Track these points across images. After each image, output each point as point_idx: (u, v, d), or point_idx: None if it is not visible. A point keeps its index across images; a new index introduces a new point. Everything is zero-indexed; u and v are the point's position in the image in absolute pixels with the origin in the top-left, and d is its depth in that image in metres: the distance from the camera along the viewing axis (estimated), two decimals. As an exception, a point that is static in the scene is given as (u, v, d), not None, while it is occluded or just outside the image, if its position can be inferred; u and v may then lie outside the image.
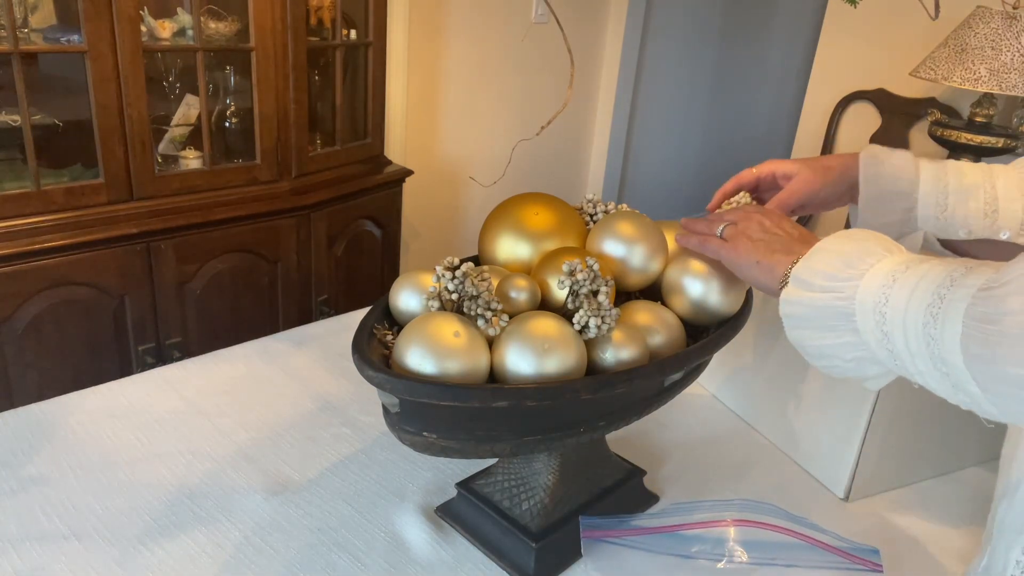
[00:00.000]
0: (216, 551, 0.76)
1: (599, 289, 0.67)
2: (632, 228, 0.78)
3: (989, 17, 2.02)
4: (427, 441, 0.65)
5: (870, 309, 0.59)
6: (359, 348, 0.65)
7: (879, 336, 0.58)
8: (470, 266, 0.67)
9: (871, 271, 0.60)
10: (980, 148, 2.20)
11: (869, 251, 0.62)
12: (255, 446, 0.93)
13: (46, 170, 1.66)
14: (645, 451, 0.96)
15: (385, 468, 0.90)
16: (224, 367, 1.09)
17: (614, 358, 0.68)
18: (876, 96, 2.66)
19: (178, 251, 1.78)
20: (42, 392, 1.56)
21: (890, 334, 0.57)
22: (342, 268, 2.17)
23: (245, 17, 1.79)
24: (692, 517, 0.76)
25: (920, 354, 0.55)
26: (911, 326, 0.55)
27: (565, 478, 0.78)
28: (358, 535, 0.80)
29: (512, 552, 0.77)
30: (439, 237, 2.89)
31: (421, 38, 2.51)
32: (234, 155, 1.97)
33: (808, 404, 0.94)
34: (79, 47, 1.55)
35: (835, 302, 0.61)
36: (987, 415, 0.53)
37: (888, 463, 0.90)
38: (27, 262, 1.58)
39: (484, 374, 0.65)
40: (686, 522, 0.76)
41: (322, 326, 1.24)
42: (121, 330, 1.75)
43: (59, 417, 0.95)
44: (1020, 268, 0.48)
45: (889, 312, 0.57)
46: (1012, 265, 0.49)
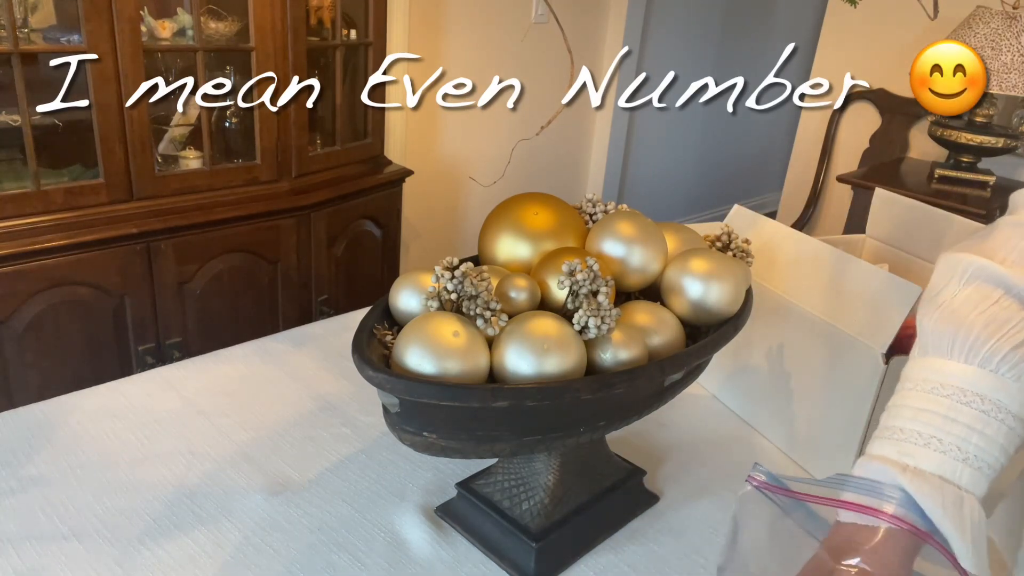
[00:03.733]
0: (216, 551, 0.76)
1: (599, 289, 0.67)
2: (632, 228, 0.78)
3: (989, 17, 2.02)
4: (427, 441, 0.65)
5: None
6: (359, 348, 0.65)
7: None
8: (469, 266, 0.67)
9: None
10: (980, 148, 2.20)
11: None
12: (255, 446, 0.93)
13: (46, 170, 1.66)
14: (645, 451, 0.96)
15: (385, 468, 0.90)
16: (224, 367, 1.09)
17: (614, 358, 0.68)
18: (876, 96, 2.66)
19: (178, 251, 1.78)
20: (42, 392, 1.55)
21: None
22: (342, 268, 2.17)
23: (245, 17, 1.79)
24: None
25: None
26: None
27: (565, 478, 0.78)
28: (358, 535, 0.80)
29: (512, 552, 0.77)
30: (439, 237, 2.89)
31: (421, 38, 2.51)
32: (234, 155, 1.97)
33: (808, 404, 0.94)
34: (79, 47, 1.55)
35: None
36: None
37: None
38: (27, 262, 1.58)
39: (484, 374, 0.65)
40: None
41: (322, 326, 1.24)
42: (121, 330, 1.75)
43: (59, 417, 0.95)
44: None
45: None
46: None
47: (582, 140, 3.31)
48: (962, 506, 0.56)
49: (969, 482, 0.57)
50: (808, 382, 0.94)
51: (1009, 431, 0.58)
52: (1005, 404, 0.58)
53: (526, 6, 2.76)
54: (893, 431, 0.60)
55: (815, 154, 2.88)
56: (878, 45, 2.60)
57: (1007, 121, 2.37)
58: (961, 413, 0.58)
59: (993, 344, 0.59)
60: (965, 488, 0.57)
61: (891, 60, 2.53)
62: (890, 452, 0.59)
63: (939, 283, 0.65)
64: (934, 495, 0.56)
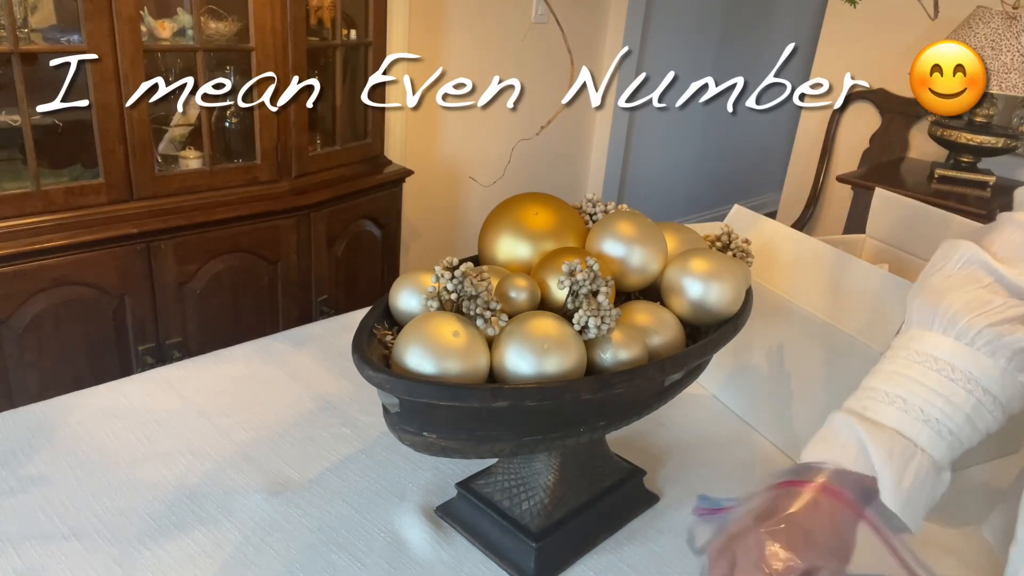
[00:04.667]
0: (216, 551, 0.76)
1: (599, 289, 0.67)
2: (632, 228, 0.78)
3: (989, 17, 2.02)
4: (427, 441, 0.65)
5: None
6: (359, 348, 0.65)
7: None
8: (469, 266, 0.67)
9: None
10: (980, 148, 2.20)
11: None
12: (255, 446, 0.93)
13: (46, 170, 1.66)
14: (645, 451, 0.96)
15: (385, 468, 0.90)
16: (224, 367, 1.09)
17: (614, 358, 0.68)
18: (876, 96, 2.66)
19: (178, 251, 1.78)
20: (42, 392, 1.55)
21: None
22: (342, 268, 2.17)
23: (245, 17, 1.79)
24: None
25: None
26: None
27: (565, 478, 0.78)
28: (358, 535, 0.80)
29: (512, 552, 0.77)
30: (439, 237, 2.89)
31: (421, 38, 2.51)
32: (234, 155, 1.97)
33: (808, 404, 0.94)
34: (79, 47, 1.55)
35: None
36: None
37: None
38: (27, 262, 1.58)
39: (484, 374, 0.65)
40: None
41: (322, 326, 1.24)
42: (121, 330, 1.75)
43: (59, 417, 0.95)
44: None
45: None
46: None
47: (582, 140, 3.31)
48: (910, 459, 0.59)
49: (927, 443, 0.60)
50: (808, 382, 0.94)
51: (977, 403, 0.61)
52: (976, 376, 0.61)
53: (526, 6, 2.76)
54: (866, 390, 0.65)
55: (815, 154, 2.88)
56: (878, 45, 2.60)
57: (1007, 121, 2.37)
58: (930, 379, 0.61)
59: (970, 319, 0.62)
60: (921, 447, 0.60)
61: (891, 60, 2.53)
62: (856, 406, 0.64)
63: (934, 266, 0.68)
64: (883, 442, 0.59)
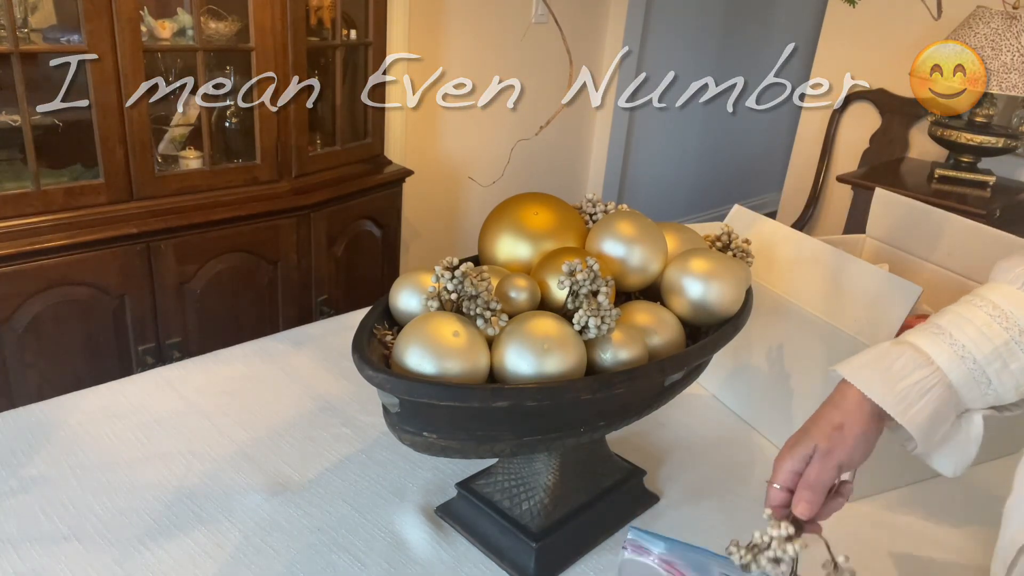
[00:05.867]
0: (216, 551, 0.76)
1: (599, 289, 0.67)
2: (632, 228, 0.78)
3: (989, 17, 2.02)
4: (427, 441, 0.65)
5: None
6: (359, 348, 0.65)
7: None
8: (469, 266, 0.67)
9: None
10: (980, 148, 2.20)
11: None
12: (255, 446, 0.93)
13: (46, 170, 1.66)
14: (645, 451, 0.96)
15: (385, 468, 0.90)
16: (224, 367, 1.09)
17: (614, 358, 0.68)
18: (876, 96, 2.66)
19: (178, 251, 1.78)
20: (42, 392, 1.56)
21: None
22: (342, 268, 2.17)
23: (245, 17, 1.78)
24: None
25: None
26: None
27: (565, 478, 0.78)
28: (358, 535, 0.80)
29: (512, 552, 0.77)
30: (439, 237, 2.89)
31: (421, 38, 2.51)
32: (234, 155, 1.97)
33: (808, 404, 0.94)
34: (79, 47, 1.54)
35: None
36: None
37: (888, 463, 0.90)
38: (27, 262, 1.57)
39: (484, 374, 0.65)
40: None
41: (322, 326, 1.24)
42: (121, 330, 1.75)
43: (59, 417, 0.95)
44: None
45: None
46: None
47: (582, 140, 3.31)
48: (931, 388, 0.65)
49: (946, 364, 0.66)
50: (808, 382, 0.94)
51: (1009, 339, 0.65)
52: (1016, 316, 0.66)
53: (526, 6, 2.76)
54: (930, 325, 0.69)
55: (815, 154, 2.88)
56: (878, 45, 2.60)
57: (1007, 121, 2.37)
58: (976, 315, 0.67)
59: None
60: (941, 366, 0.66)
61: (891, 60, 2.53)
62: (912, 337, 0.69)
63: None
64: (907, 363, 0.66)
